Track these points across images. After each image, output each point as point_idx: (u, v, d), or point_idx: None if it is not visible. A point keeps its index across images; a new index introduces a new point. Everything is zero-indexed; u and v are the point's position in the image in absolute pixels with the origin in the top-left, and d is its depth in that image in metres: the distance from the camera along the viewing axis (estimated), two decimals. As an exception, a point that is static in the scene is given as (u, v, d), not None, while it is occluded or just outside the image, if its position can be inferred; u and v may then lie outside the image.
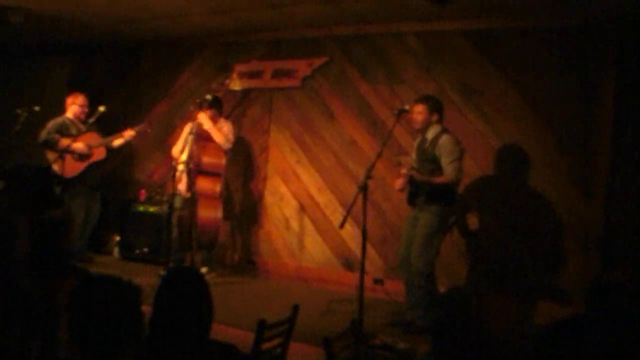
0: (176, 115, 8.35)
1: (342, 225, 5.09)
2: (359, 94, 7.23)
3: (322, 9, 6.61)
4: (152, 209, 7.91)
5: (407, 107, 5.55)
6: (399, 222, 6.51)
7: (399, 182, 5.53)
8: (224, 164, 7.08)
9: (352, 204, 5.09)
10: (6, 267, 3.08)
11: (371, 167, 5.21)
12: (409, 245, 5.51)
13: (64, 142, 6.92)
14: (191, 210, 6.67)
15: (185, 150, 6.73)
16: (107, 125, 7.41)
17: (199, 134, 6.84)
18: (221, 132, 6.99)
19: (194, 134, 6.70)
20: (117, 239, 8.13)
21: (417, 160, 5.61)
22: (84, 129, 7.11)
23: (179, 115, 8.23)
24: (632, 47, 5.86)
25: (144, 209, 7.98)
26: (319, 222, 7.41)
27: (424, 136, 5.59)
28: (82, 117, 7.22)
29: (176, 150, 7.04)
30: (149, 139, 8.27)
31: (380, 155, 5.30)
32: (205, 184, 6.93)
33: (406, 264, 5.51)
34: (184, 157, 6.70)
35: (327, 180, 7.39)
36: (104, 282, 2.21)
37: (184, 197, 6.86)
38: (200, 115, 6.91)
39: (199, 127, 6.88)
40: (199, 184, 6.85)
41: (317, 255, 7.39)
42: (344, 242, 7.15)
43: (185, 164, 6.65)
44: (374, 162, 5.28)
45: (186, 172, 6.70)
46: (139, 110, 8.61)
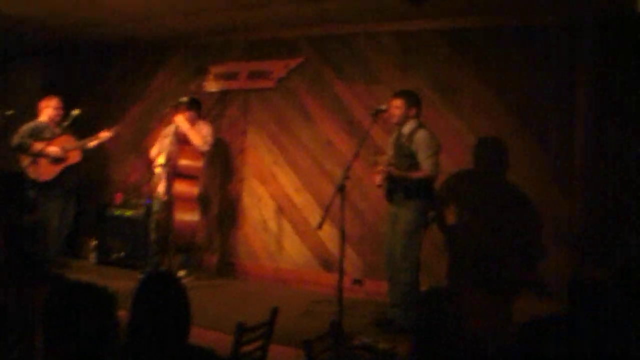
0: (151, 117, 8.27)
1: (320, 226, 5.08)
2: (335, 94, 7.23)
3: (297, 9, 6.59)
4: (128, 213, 7.84)
5: (383, 107, 5.55)
6: (377, 222, 6.52)
7: (378, 178, 5.53)
8: (201, 166, 7.03)
9: (330, 205, 5.08)
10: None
11: (348, 168, 5.20)
12: (392, 242, 5.51)
13: (38, 145, 6.84)
14: (168, 213, 6.63)
15: (160, 152, 6.68)
16: (81, 128, 7.32)
17: (177, 136, 6.80)
18: (199, 135, 6.93)
19: (171, 136, 6.65)
20: (94, 243, 8.04)
21: (394, 155, 5.61)
22: (59, 132, 7.03)
23: (154, 117, 8.16)
24: (607, 45, 5.91)
25: (120, 213, 7.90)
26: (297, 223, 7.39)
27: (400, 131, 5.59)
28: (56, 120, 7.12)
29: (154, 152, 6.99)
30: (124, 142, 8.21)
31: (357, 155, 5.30)
32: (182, 187, 6.87)
33: (391, 262, 5.51)
34: (161, 159, 6.65)
35: (305, 180, 7.38)
36: (78, 288, 2.18)
37: (162, 199, 6.81)
38: (177, 117, 6.86)
39: (176, 129, 6.83)
40: (176, 186, 6.80)
41: (295, 256, 7.37)
42: (323, 242, 7.13)
43: (163, 166, 6.61)
44: (351, 162, 5.27)
45: (164, 175, 6.66)
46: (114, 113, 8.51)
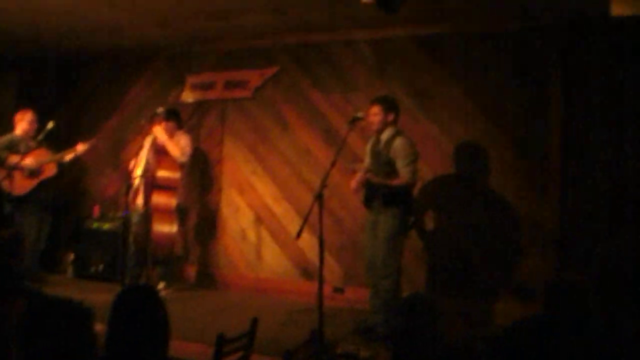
0: (128, 129, 8.23)
1: (298, 235, 5.06)
2: (311, 102, 7.24)
3: (271, 18, 6.59)
4: (106, 226, 7.78)
5: (360, 115, 5.55)
6: (357, 230, 6.52)
7: (354, 183, 5.53)
8: (179, 177, 6.99)
9: (309, 213, 5.07)
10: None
11: (326, 176, 5.19)
12: (373, 249, 5.52)
13: (13, 159, 6.79)
14: (146, 225, 6.59)
15: (140, 164, 6.65)
16: (57, 141, 7.28)
17: (155, 147, 6.77)
18: (177, 146, 6.90)
19: (149, 147, 6.62)
20: (71, 257, 7.97)
21: (371, 162, 5.63)
22: (34, 146, 6.98)
23: (131, 129, 8.12)
24: (580, 47, 5.98)
25: (98, 226, 7.84)
26: (276, 233, 7.38)
27: (377, 138, 5.60)
28: (31, 133, 7.08)
29: (132, 164, 6.95)
30: (101, 154, 8.16)
31: (334, 163, 5.29)
32: (160, 199, 6.84)
33: (372, 268, 5.52)
34: (139, 171, 6.61)
35: (283, 190, 7.36)
36: (54, 303, 2.16)
37: (140, 211, 6.77)
38: (155, 128, 6.83)
39: (154, 140, 6.80)
40: (154, 198, 6.78)
41: (275, 265, 7.35)
42: (302, 251, 7.12)
43: (140, 178, 6.57)
44: (329, 171, 5.26)
45: (142, 187, 6.63)
46: (90, 125, 8.45)
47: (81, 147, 7.01)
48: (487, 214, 6.29)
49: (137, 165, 6.72)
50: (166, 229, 6.88)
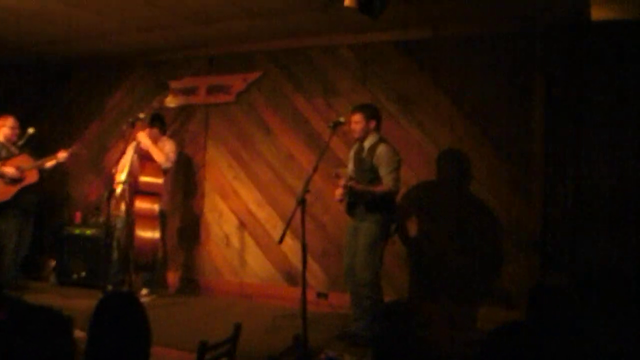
0: (110, 135, 8.20)
1: (280, 240, 5.05)
2: (294, 107, 7.23)
3: (253, 23, 6.58)
4: (88, 232, 7.73)
5: (342, 119, 5.55)
6: (340, 235, 6.51)
7: (338, 192, 5.53)
8: (162, 183, 6.94)
9: (291, 218, 5.05)
10: None
11: (308, 181, 5.18)
12: (352, 256, 5.52)
13: (-6, 165, 6.74)
14: (128, 231, 6.55)
15: (123, 170, 6.61)
16: (39, 147, 7.23)
17: (138, 152, 6.74)
18: (162, 152, 6.88)
19: (133, 152, 6.60)
20: (53, 263, 7.91)
21: (354, 169, 5.64)
22: (16, 152, 6.93)
23: (114, 135, 8.08)
24: (562, 51, 6.01)
25: (80, 232, 7.78)
26: (260, 238, 7.36)
27: (360, 145, 5.62)
28: (12, 139, 7.02)
29: (115, 169, 6.91)
30: (83, 160, 8.11)
31: (317, 168, 5.28)
32: (142, 204, 6.80)
33: (351, 275, 5.51)
34: (122, 176, 6.57)
35: (266, 195, 7.35)
36: (32, 312, 2.13)
37: (123, 217, 6.73)
38: (139, 134, 6.81)
39: (137, 145, 6.77)
40: (137, 204, 6.74)
41: (259, 270, 7.33)
42: (286, 256, 7.11)
43: (123, 183, 6.54)
44: (311, 176, 5.25)
45: (125, 192, 6.59)
46: (72, 131, 8.42)
47: (62, 154, 6.94)
48: (470, 218, 6.31)
49: (120, 171, 6.69)
50: (149, 234, 6.83)
